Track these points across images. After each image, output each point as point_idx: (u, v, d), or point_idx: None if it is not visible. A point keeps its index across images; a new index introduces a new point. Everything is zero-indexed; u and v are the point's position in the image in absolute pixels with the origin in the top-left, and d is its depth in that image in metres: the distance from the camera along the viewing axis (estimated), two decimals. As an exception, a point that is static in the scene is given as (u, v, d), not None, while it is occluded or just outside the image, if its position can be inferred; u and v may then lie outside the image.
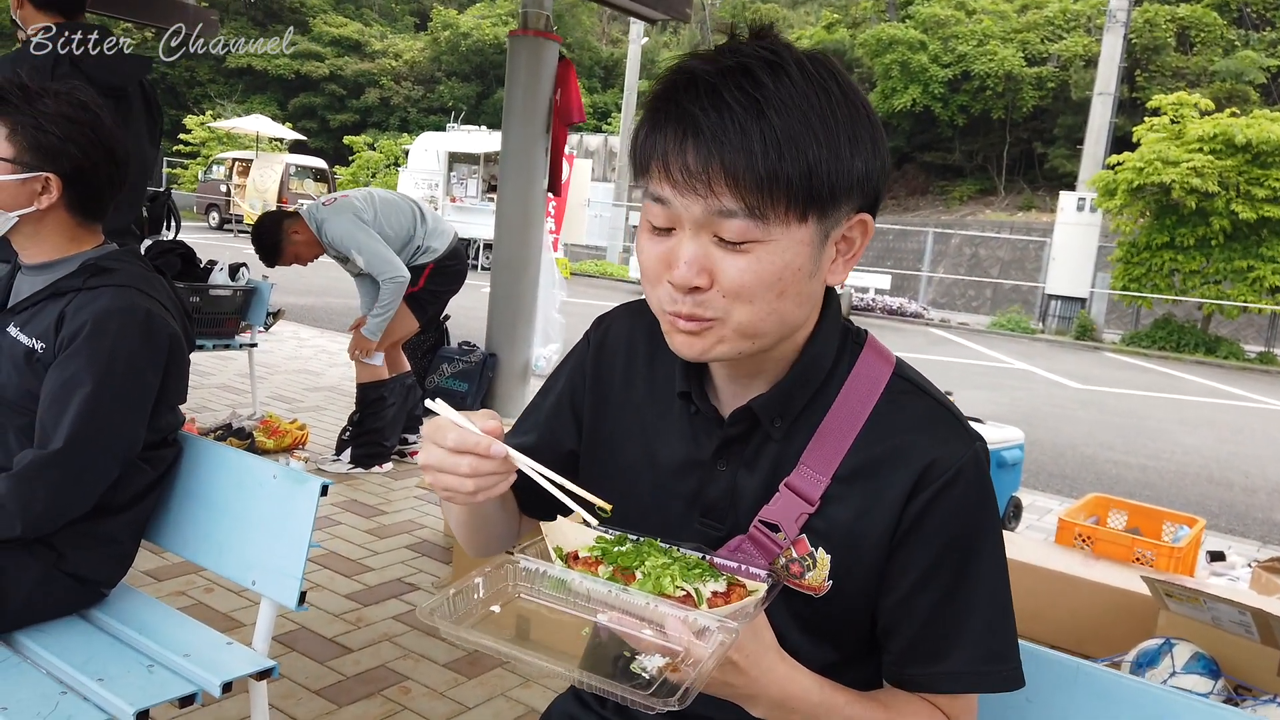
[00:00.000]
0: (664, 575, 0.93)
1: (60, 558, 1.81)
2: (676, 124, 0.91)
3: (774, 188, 0.89)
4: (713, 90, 0.89)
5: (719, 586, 0.93)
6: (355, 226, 4.26)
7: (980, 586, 1.02)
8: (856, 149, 0.93)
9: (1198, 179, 15.26)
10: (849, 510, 1.02)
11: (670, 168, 0.91)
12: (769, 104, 0.88)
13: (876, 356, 1.08)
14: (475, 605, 0.96)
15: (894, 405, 1.04)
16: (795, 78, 0.90)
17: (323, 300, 12.23)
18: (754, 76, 0.89)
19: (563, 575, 0.95)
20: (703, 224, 0.92)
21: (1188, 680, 2.59)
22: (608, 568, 0.95)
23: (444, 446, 0.97)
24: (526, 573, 0.98)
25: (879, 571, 1.03)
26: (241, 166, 25.55)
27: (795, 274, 0.94)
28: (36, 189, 1.77)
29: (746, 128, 0.88)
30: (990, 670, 1.02)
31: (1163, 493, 6.28)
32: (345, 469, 4.68)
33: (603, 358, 1.20)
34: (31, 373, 1.77)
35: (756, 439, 1.07)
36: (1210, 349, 16.18)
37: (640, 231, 1.00)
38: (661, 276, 0.96)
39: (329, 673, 2.73)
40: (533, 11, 5.94)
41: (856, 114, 0.94)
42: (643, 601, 0.90)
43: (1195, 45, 26.15)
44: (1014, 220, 25.31)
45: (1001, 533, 1.06)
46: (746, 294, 0.93)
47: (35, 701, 1.59)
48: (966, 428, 1.04)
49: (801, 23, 36.39)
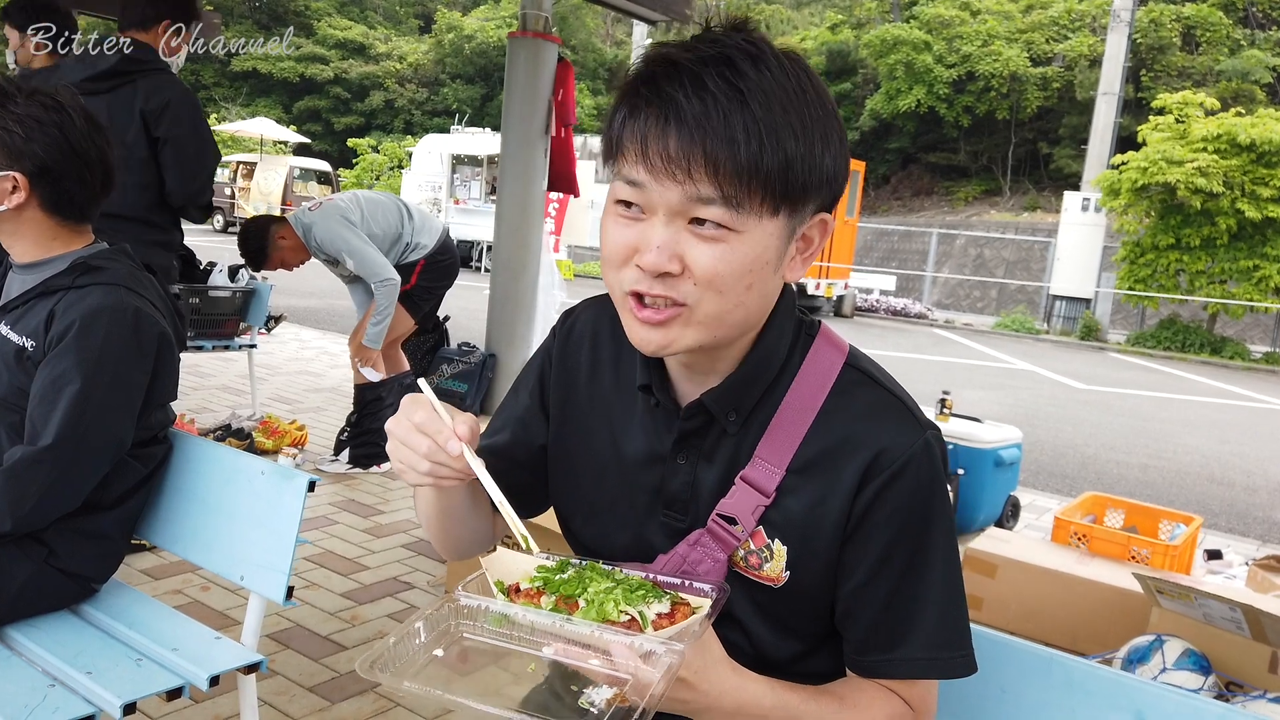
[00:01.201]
0: (607, 601, 0.92)
1: (51, 553, 1.83)
2: (658, 109, 0.90)
3: (753, 178, 0.90)
4: (695, 78, 0.89)
5: (663, 607, 0.93)
6: (344, 228, 4.28)
7: (932, 574, 1.03)
8: (827, 147, 0.94)
9: (1202, 179, 15.22)
10: (803, 501, 1.03)
11: (649, 152, 0.91)
12: (752, 94, 0.89)
13: (829, 346, 1.09)
14: (417, 651, 0.95)
15: (845, 396, 1.05)
16: (775, 70, 0.91)
17: (326, 302, 12.27)
18: (736, 66, 0.90)
19: (505, 610, 0.94)
20: (678, 210, 0.92)
21: (1178, 676, 2.59)
22: (550, 598, 0.94)
23: (411, 420, 0.99)
24: (468, 610, 0.96)
25: (834, 561, 1.04)
26: (246, 169, 25.65)
27: (763, 267, 0.95)
28: (7, 188, 1.79)
29: (730, 116, 0.88)
30: (944, 656, 1.03)
31: (1163, 492, 6.27)
32: (343, 469, 4.70)
33: (569, 350, 1.21)
34: (22, 371, 1.79)
35: (714, 433, 1.08)
36: (1216, 349, 16.13)
37: (606, 214, 0.99)
38: (628, 260, 0.96)
39: (322, 670, 2.75)
40: (532, 13, 5.97)
41: (828, 113, 0.95)
42: (587, 630, 0.89)
43: (1201, 45, 26.08)
44: (1019, 221, 25.28)
45: (953, 521, 1.07)
46: (718, 283, 0.94)
47: (24, 694, 1.61)
48: (917, 416, 1.05)
49: (806, 23, 36.40)
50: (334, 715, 2.52)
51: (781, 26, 36.66)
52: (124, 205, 3.11)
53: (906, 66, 27.44)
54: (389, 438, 1.01)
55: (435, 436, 0.97)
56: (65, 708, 1.59)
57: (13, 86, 1.78)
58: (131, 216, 3.19)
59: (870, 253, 24.84)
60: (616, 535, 1.16)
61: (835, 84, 30.92)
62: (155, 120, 3.17)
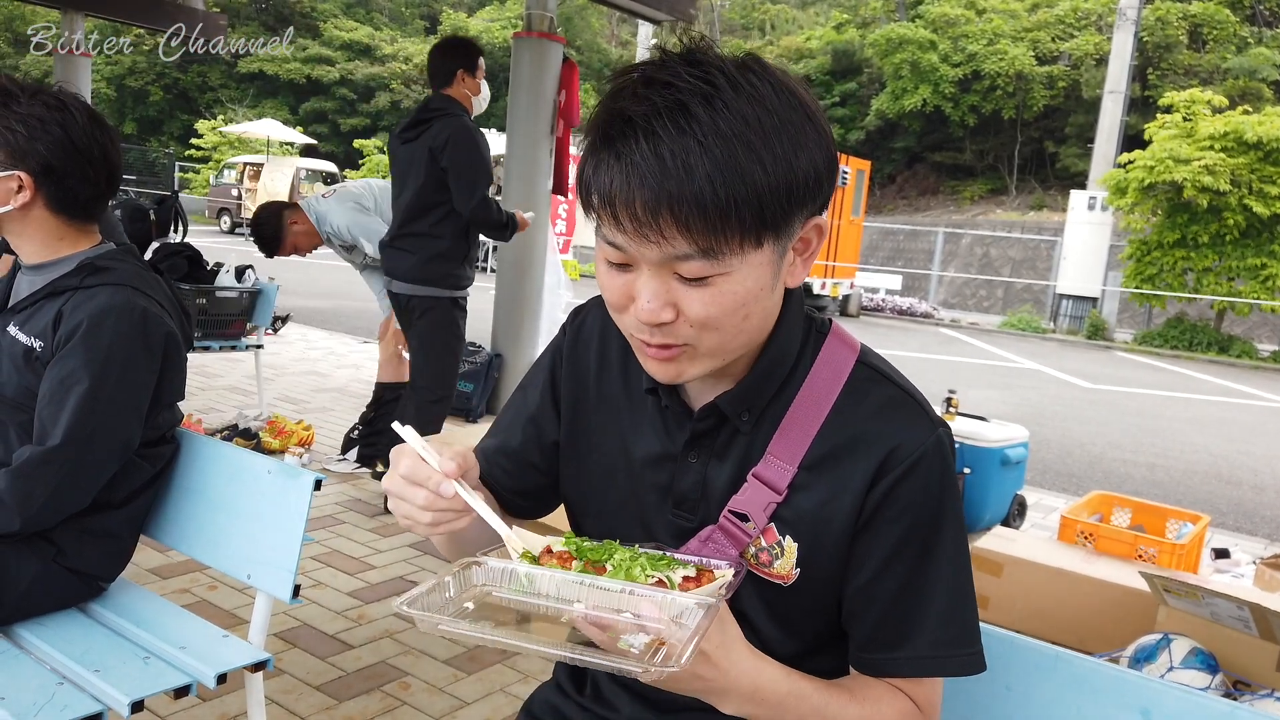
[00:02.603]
0: (634, 565, 0.93)
1: (59, 552, 1.84)
2: (619, 171, 0.88)
3: (725, 225, 0.88)
4: (650, 134, 0.87)
5: (689, 572, 0.94)
6: (359, 213, 4.40)
7: (941, 572, 1.03)
8: (803, 154, 0.91)
9: (1209, 177, 15.16)
10: (815, 498, 1.03)
11: (620, 216, 0.89)
12: (708, 139, 0.86)
13: (840, 344, 1.09)
14: (449, 602, 0.94)
15: (857, 393, 1.05)
16: (730, 100, 0.88)
17: (334, 303, 12.29)
18: (688, 111, 0.87)
19: (531, 571, 0.94)
20: (660, 264, 0.92)
21: (1185, 675, 2.59)
22: (579, 562, 0.95)
23: (399, 474, 0.98)
24: (494, 571, 0.97)
25: (843, 558, 1.04)
26: (253, 171, 25.75)
27: (758, 295, 0.95)
28: (12, 188, 1.80)
29: (690, 168, 0.86)
30: (951, 654, 1.03)
31: (1170, 491, 6.25)
32: (350, 468, 4.71)
33: (578, 348, 1.21)
34: (30, 371, 1.80)
35: (726, 431, 1.08)
36: (1223, 348, 16.07)
37: (598, 261, 0.99)
38: (626, 307, 0.97)
39: (329, 668, 2.76)
40: (536, 14, 5.98)
41: (801, 117, 0.92)
42: (617, 588, 0.89)
43: (1208, 43, 25.99)
44: (1025, 220, 25.22)
45: (963, 518, 1.07)
46: (713, 323, 0.94)
47: (33, 692, 1.62)
48: (929, 414, 1.05)
49: (811, 23, 36.36)
50: (341, 713, 2.53)
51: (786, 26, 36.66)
52: (420, 224, 3.95)
53: (912, 66, 27.39)
54: (389, 497, 1.01)
55: (426, 484, 0.97)
56: (73, 705, 1.60)
57: (16, 87, 1.79)
58: (422, 233, 3.97)
59: (876, 252, 24.80)
60: (625, 533, 1.16)
61: (840, 83, 30.90)
62: (440, 152, 3.85)
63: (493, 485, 1.22)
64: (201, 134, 30.60)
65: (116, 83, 35.84)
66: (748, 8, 38.65)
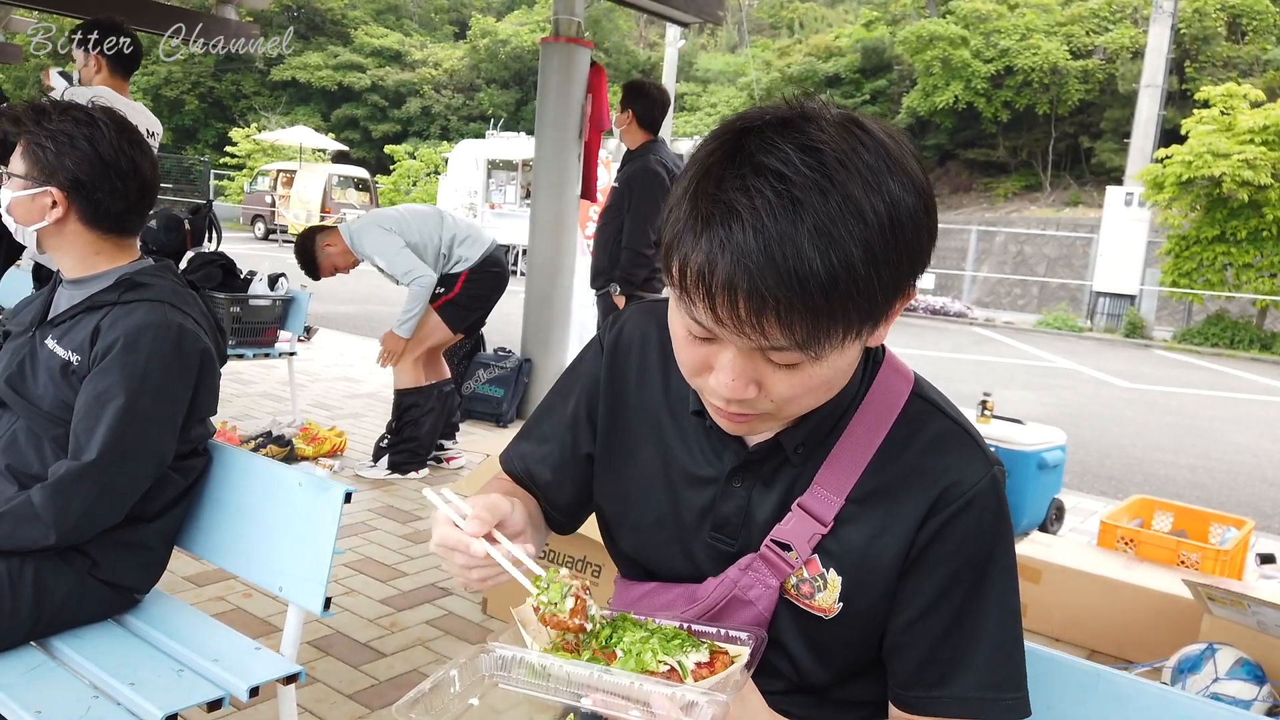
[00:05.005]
0: (645, 650, 0.91)
1: (94, 565, 1.86)
2: (723, 261, 0.81)
3: (831, 328, 0.84)
4: (760, 230, 0.80)
5: (701, 656, 0.92)
6: (378, 236, 4.50)
7: (990, 612, 1.00)
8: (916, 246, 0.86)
9: (1250, 171, 14.87)
10: (863, 532, 1.01)
11: (717, 308, 0.83)
12: (822, 243, 0.80)
13: (895, 374, 1.06)
14: (451, 700, 0.94)
15: (911, 426, 1.03)
16: (847, 195, 0.81)
17: (365, 308, 12.40)
18: (802, 207, 0.80)
19: (541, 660, 0.92)
20: (751, 350, 0.88)
21: (1231, 686, 2.52)
22: (587, 650, 0.93)
23: (437, 544, 1.00)
24: (503, 661, 0.95)
25: (890, 595, 1.02)
26: (286, 178, 26.05)
27: (846, 371, 0.95)
28: (46, 204, 1.82)
29: (804, 276, 0.80)
30: (996, 698, 1.00)
31: (1213, 493, 6.13)
32: (382, 475, 4.74)
33: (616, 358, 1.18)
34: (67, 384, 1.82)
35: (775, 460, 1.06)
36: (1266, 345, 15.75)
37: (675, 328, 0.94)
38: (702, 372, 0.94)
39: (362, 677, 2.77)
40: (564, 18, 5.98)
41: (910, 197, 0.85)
42: (627, 681, 0.87)
43: (1247, 34, 25.49)
44: (1060, 216, 24.86)
45: (1015, 559, 1.04)
46: (797, 401, 0.93)
47: (68, 705, 1.63)
48: (984, 451, 1.02)
49: (840, 21, 36.13)
50: (373, 723, 2.53)
51: (815, 24, 36.42)
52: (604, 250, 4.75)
53: (943, 62, 27.11)
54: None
55: (456, 548, 0.98)
56: (108, 719, 1.61)
57: (49, 104, 1.81)
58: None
59: (908, 251, 24.53)
60: (660, 550, 1.14)
61: (871, 81, 30.66)
62: (626, 190, 4.63)
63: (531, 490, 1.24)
64: (236, 141, 31.02)
65: (153, 93, 36.43)
66: (776, 7, 38.49)
